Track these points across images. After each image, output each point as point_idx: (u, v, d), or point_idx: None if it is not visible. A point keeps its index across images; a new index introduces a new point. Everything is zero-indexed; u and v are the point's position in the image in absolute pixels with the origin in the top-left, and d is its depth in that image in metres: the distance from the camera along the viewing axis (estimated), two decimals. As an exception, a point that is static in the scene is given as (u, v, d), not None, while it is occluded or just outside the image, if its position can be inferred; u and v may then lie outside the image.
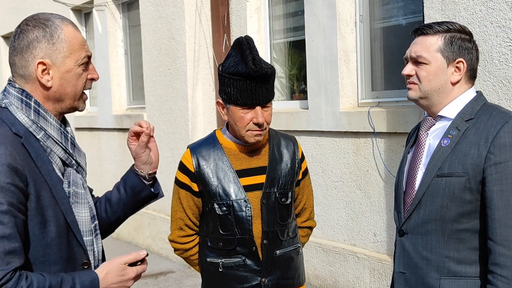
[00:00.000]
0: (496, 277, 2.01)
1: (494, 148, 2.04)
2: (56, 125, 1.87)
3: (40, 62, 1.82)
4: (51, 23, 1.85)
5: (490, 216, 2.03)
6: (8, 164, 1.71)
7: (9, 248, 1.68)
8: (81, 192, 1.92)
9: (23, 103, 1.83)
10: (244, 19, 5.74)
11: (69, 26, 1.88)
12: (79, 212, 1.90)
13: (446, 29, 2.17)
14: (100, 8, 7.89)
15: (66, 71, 1.86)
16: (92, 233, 1.94)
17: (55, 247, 1.82)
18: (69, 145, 1.91)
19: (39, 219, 1.78)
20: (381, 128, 4.48)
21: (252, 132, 2.51)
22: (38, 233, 1.78)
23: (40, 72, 1.83)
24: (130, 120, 7.42)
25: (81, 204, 1.91)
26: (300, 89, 5.71)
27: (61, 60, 1.85)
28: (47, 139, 1.84)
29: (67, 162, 1.89)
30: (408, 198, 2.22)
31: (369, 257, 4.66)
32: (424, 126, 2.25)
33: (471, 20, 3.74)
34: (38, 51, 1.82)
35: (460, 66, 2.17)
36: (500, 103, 3.60)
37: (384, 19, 4.83)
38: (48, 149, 1.84)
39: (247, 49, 2.47)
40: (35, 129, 1.82)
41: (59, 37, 1.84)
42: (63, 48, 1.84)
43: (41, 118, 1.84)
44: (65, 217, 1.85)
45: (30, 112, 1.83)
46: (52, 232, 1.81)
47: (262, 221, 2.56)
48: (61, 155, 1.87)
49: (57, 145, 1.86)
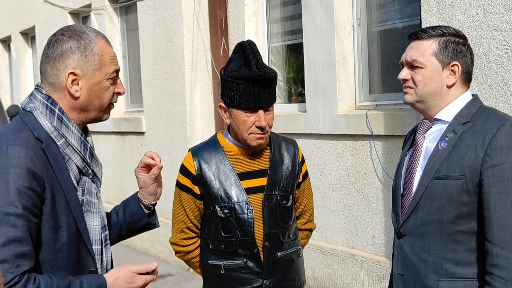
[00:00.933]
0: (494, 278, 2.03)
1: (491, 150, 2.06)
2: (77, 133, 1.92)
3: (71, 73, 1.88)
4: (86, 35, 1.91)
5: (488, 218, 2.06)
6: (28, 168, 1.75)
7: (20, 252, 1.71)
8: (94, 201, 1.95)
9: (48, 109, 1.88)
10: (242, 22, 5.75)
11: (102, 41, 1.94)
12: (90, 221, 1.93)
13: (441, 33, 2.20)
14: (98, 11, 7.91)
15: (94, 83, 1.91)
16: (102, 242, 1.98)
17: (65, 252, 1.85)
18: (88, 155, 1.95)
19: (52, 224, 1.82)
20: (379, 130, 4.49)
21: (254, 135, 2.53)
22: (50, 237, 1.82)
23: (70, 82, 1.88)
24: (128, 123, 7.43)
25: (93, 213, 1.95)
26: (298, 92, 5.73)
27: (91, 72, 1.90)
28: (67, 147, 1.88)
29: (83, 171, 1.94)
30: (406, 200, 2.24)
31: (367, 259, 4.68)
32: (421, 129, 2.28)
33: (468, 23, 3.77)
34: (70, 61, 1.88)
35: (455, 69, 2.20)
36: (497, 106, 3.62)
37: (382, 22, 4.85)
38: (67, 157, 1.88)
39: (250, 53, 2.49)
40: (56, 136, 1.87)
41: (92, 50, 1.90)
42: (95, 61, 1.90)
43: (63, 125, 1.89)
44: (77, 224, 1.88)
45: (53, 118, 1.88)
46: (64, 237, 1.85)
47: (264, 223, 2.58)
48: (79, 163, 1.91)
49: (76, 153, 1.90)
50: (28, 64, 11.51)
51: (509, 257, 2.02)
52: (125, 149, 7.64)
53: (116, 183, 7.85)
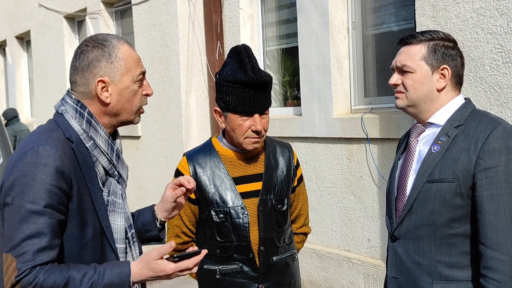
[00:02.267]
0: (488, 280, 2.04)
1: (484, 153, 2.07)
2: (105, 136, 1.98)
3: (100, 80, 1.94)
4: (109, 43, 1.97)
5: (481, 220, 2.07)
6: (56, 167, 1.82)
7: (40, 246, 1.78)
8: (119, 202, 2.01)
9: (77, 112, 1.95)
10: (237, 26, 5.76)
11: (125, 45, 1.99)
12: (115, 220, 1.99)
13: (429, 37, 2.22)
14: (93, 16, 7.91)
15: (123, 88, 1.97)
16: (128, 241, 2.03)
17: (89, 248, 1.92)
18: (114, 157, 2.01)
19: (78, 220, 1.88)
20: (374, 134, 4.50)
21: (250, 139, 2.53)
22: (76, 233, 1.89)
23: (100, 90, 1.95)
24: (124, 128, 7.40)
25: (118, 213, 2.00)
26: (294, 96, 5.74)
27: (118, 78, 1.96)
28: (95, 149, 1.95)
29: (110, 172, 2.00)
30: (400, 204, 2.25)
31: (363, 263, 4.68)
32: (414, 132, 2.29)
33: (462, 26, 3.78)
34: (98, 70, 1.94)
35: (444, 72, 2.21)
36: (491, 109, 3.63)
37: (376, 26, 4.86)
38: (94, 158, 1.95)
39: (245, 57, 2.49)
40: (85, 138, 1.94)
41: (116, 56, 1.96)
42: (120, 66, 1.96)
43: (92, 128, 1.96)
44: (101, 222, 1.95)
45: (82, 122, 1.94)
46: (89, 234, 1.92)
47: (259, 227, 2.58)
48: (105, 165, 1.98)
49: (103, 155, 1.97)
50: (23, 68, 11.49)
51: (503, 259, 2.02)
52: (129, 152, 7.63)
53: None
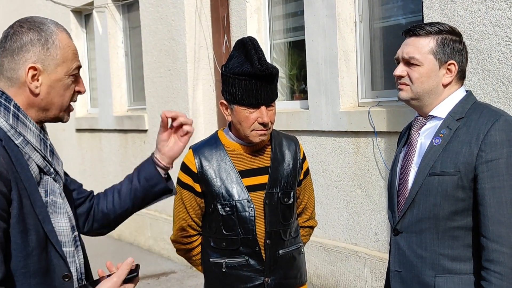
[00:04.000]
0: (490, 273, 2.04)
1: (485, 146, 2.06)
2: (35, 131, 1.77)
3: (32, 67, 1.73)
4: (47, 27, 1.76)
5: (483, 213, 2.06)
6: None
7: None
8: (59, 201, 1.80)
9: (2, 106, 1.72)
10: (244, 19, 5.75)
11: (63, 33, 1.80)
12: (58, 222, 1.78)
13: (438, 30, 2.19)
14: (100, 9, 7.91)
15: (56, 79, 1.77)
16: (73, 244, 1.81)
17: (35, 257, 1.70)
18: (48, 152, 1.80)
19: (21, 227, 1.67)
20: (381, 127, 4.49)
21: (257, 132, 2.53)
22: (20, 242, 1.67)
23: (30, 78, 1.73)
24: (131, 121, 7.43)
25: (60, 214, 1.79)
26: (300, 89, 5.72)
27: (53, 68, 1.76)
28: (26, 145, 1.73)
29: (45, 170, 1.78)
30: (402, 197, 2.24)
31: (370, 256, 4.68)
32: (415, 125, 2.28)
33: (470, 19, 3.76)
34: (31, 55, 1.73)
35: (451, 68, 2.20)
36: (499, 102, 3.61)
37: (384, 18, 4.84)
38: (26, 156, 1.73)
39: (252, 49, 2.48)
40: (13, 134, 1.72)
41: (53, 42, 1.75)
42: (57, 55, 1.76)
43: (20, 123, 1.73)
44: (43, 227, 1.73)
45: (8, 116, 1.72)
46: (33, 241, 1.69)
47: (265, 221, 2.58)
48: (40, 162, 1.76)
49: (36, 152, 1.75)
50: (31, 62, 11.52)
51: (504, 252, 2.02)
52: (128, 147, 7.65)
53: (119, 181, 7.85)
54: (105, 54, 7.85)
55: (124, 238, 7.77)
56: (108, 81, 7.81)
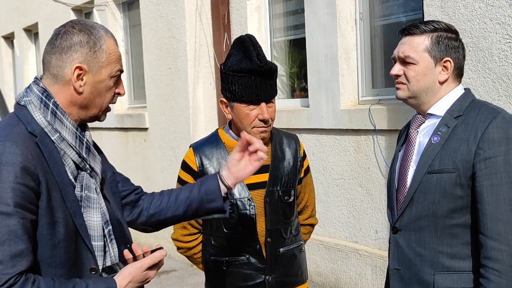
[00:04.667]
0: (489, 270, 2.04)
1: (483, 143, 2.07)
2: (72, 128, 1.86)
3: (78, 67, 1.83)
4: (97, 31, 1.87)
5: (481, 210, 2.07)
6: (19, 163, 1.69)
7: (16, 251, 1.65)
8: (94, 196, 1.89)
9: (42, 102, 1.83)
10: (244, 17, 5.75)
11: (111, 39, 1.91)
12: (90, 217, 1.87)
13: (433, 28, 2.20)
14: (101, 8, 7.91)
15: (99, 80, 1.87)
16: (105, 238, 1.90)
17: (62, 249, 1.78)
18: (84, 150, 1.89)
19: (48, 219, 1.75)
20: (382, 125, 4.49)
21: (257, 129, 2.53)
22: (46, 233, 1.75)
23: (76, 76, 1.83)
24: (132, 119, 7.44)
25: (93, 209, 1.88)
26: (301, 87, 5.72)
27: (97, 69, 1.86)
28: (61, 142, 1.83)
29: (80, 166, 1.88)
30: (401, 195, 2.25)
31: (370, 254, 4.68)
32: (414, 124, 2.29)
33: (470, 17, 3.75)
34: (78, 55, 1.83)
35: (447, 65, 2.20)
36: (499, 100, 3.61)
37: (384, 16, 4.84)
38: (62, 151, 1.83)
39: (250, 46, 2.49)
40: (50, 130, 1.82)
41: (101, 47, 1.86)
42: (103, 58, 1.86)
43: (57, 120, 1.83)
44: (73, 220, 1.82)
45: (47, 113, 1.82)
46: (61, 234, 1.78)
47: (266, 219, 2.58)
48: (75, 158, 1.86)
49: (71, 148, 1.85)
50: (31, 61, 11.52)
51: (503, 249, 2.03)
52: (129, 145, 7.65)
53: (120, 179, 7.86)
54: (105, 52, 7.84)
55: (125, 236, 7.77)
56: (109, 79, 7.79)
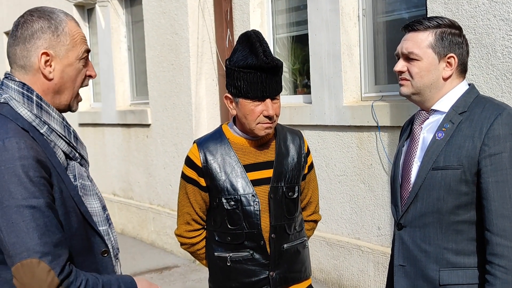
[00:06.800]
0: (494, 267, 2.05)
1: (489, 140, 2.07)
2: (58, 118, 1.85)
3: (44, 53, 1.81)
4: (56, 15, 1.86)
5: (487, 207, 2.07)
6: (33, 157, 1.69)
7: (55, 241, 1.67)
8: (88, 184, 1.90)
9: (25, 97, 1.80)
10: (247, 13, 5.74)
11: (72, 21, 1.89)
12: (90, 204, 1.88)
13: (436, 24, 2.19)
14: (103, 4, 7.90)
15: (67, 64, 1.86)
16: (106, 223, 1.93)
17: (78, 237, 1.81)
18: (72, 138, 1.88)
19: (63, 210, 1.77)
20: (385, 122, 4.49)
21: (262, 125, 2.52)
22: (65, 224, 1.77)
23: (43, 63, 1.82)
24: (134, 116, 7.44)
25: (91, 196, 1.89)
26: (304, 84, 5.72)
27: (64, 53, 1.84)
28: (51, 133, 1.82)
29: (70, 155, 1.87)
30: (405, 191, 2.25)
31: (373, 251, 4.69)
32: (417, 120, 2.28)
33: (474, 13, 3.75)
34: (42, 42, 1.81)
35: (451, 61, 2.20)
36: (503, 96, 3.61)
37: (387, 13, 4.83)
38: (52, 143, 1.81)
39: (256, 42, 2.48)
40: (38, 124, 1.80)
41: (63, 30, 1.84)
42: (67, 41, 1.85)
43: (44, 112, 1.82)
44: (79, 208, 1.83)
45: (32, 106, 1.80)
46: (75, 222, 1.80)
47: (270, 215, 2.58)
48: (65, 148, 1.85)
49: (61, 138, 1.84)
50: (33, 57, 11.51)
51: (508, 245, 2.03)
52: (131, 141, 7.65)
53: (122, 175, 7.87)
54: (108, 48, 7.85)
55: (127, 232, 7.79)
56: (111, 75, 7.80)
